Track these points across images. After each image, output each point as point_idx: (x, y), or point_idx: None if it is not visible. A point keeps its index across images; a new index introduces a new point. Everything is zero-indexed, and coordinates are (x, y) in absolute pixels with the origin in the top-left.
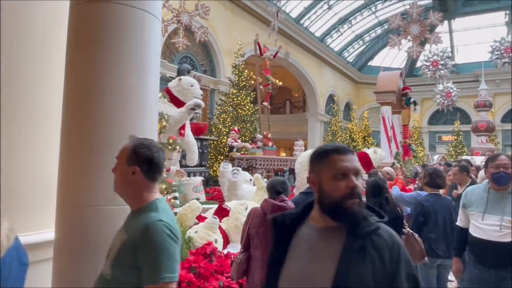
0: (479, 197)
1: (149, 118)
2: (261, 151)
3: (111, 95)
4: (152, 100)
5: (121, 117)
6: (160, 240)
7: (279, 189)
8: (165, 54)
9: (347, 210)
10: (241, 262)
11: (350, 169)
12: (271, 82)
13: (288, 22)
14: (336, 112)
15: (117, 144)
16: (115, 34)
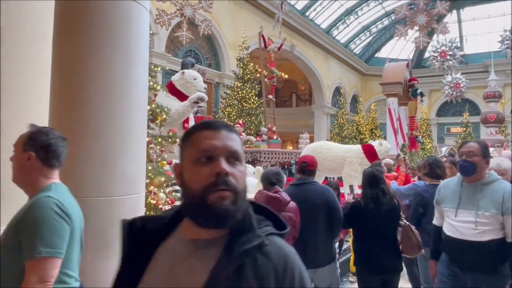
0: (452, 192)
1: (136, 108)
2: (265, 144)
3: (97, 85)
4: (141, 90)
5: (107, 108)
6: (42, 214)
7: (273, 180)
8: (169, 48)
9: (209, 208)
10: None
11: (219, 149)
12: (276, 75)
13: (293, 14)
14: (343, 105)
15: (104, 135)
16: (101, 23)
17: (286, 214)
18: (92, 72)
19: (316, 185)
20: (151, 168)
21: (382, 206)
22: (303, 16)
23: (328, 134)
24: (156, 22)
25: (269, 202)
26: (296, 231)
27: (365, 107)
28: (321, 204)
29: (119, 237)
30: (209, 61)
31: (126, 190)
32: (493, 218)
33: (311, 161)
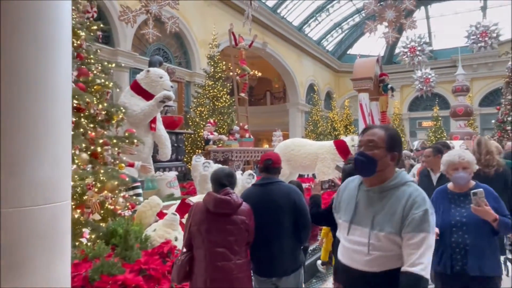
0: (350, 197)
1: (54, 104)
2: (236, 143)
3: (5, 77)
4: (62, 84)
5: (14, 104)
6: None
7: (224, 182)
8: (136, 47)
9: None
10: (182, 264)
11: None
12: (247, 73)
13: (265, 12)
14: (317, 102)
15: (9, 134)
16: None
17: (238, 217)
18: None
19: (281, 185)
20: (103, 171)
21: None
22: (275, 14)
23: (303, 131)
24: (120, 19)
25: (218, 205)
26: (250, 236)
27: (339, 104)
28: (287, 206)
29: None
30: (178, 59)
31: (41, 199)
32: (389, 240)
33: (276, 158)
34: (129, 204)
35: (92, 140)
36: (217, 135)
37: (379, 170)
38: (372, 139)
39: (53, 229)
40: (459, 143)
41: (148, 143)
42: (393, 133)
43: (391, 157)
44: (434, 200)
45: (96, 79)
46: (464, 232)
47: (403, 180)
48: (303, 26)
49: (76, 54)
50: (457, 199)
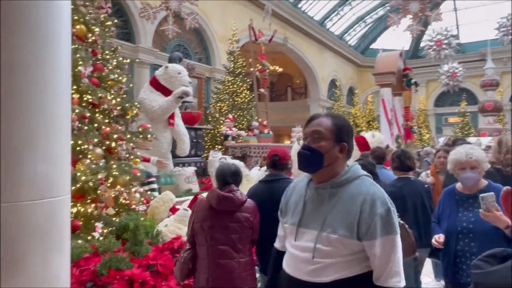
0: (298, 198)
1: (52, 99)
2: (255, 138)
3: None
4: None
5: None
6: None
7: (228, 181)
8: (157, 43)
9: None
10: (185, 262)
11: None
12: (267, 68)
13: (286, 6)
14: (339, 97)
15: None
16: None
17: (241, 215)
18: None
19: (287, 182)
20: (116, 166)
21: None
22: (296, 8)
23: None
24: (140, 15)
25: (221, 202)
26: (254, 234)
27: (362, 99)
28: None
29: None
30: (199, 55)
31: (38, 194)
32: (342, 243)
33: (284, 154)
34: (144, 199)
35: (107, 135)
36: (236, 130)
37: (327, 165)
38: (318, 130)
39: (51, 224)
40: (487, 139)
41: (166, 139)
42: (341, 122)
43: (339, 149)
44: (441, 201)
45: (110, 74)
46: (470, 239)
47: (356, 174)
48: (325, 21)
49: (91, 50)
50: (466, 202)
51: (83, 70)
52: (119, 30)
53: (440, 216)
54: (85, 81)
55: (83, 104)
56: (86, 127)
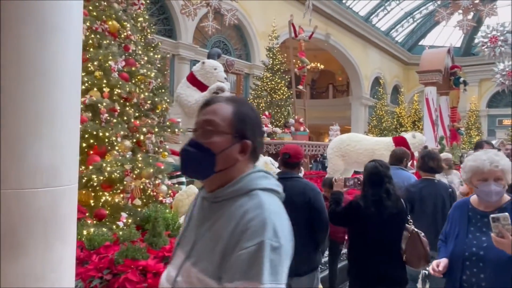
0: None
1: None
2: (289, 136)
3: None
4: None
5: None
6: None
7: None
8: (197, 39)
9: None
10: None
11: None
12: (306, 65)
13: (329, 2)
14: (382, 96)
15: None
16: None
17: None
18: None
19: (298, 181)
20: (141, 159)
21: (385, 210)
22: (340, 4)
23: (366, 126)
24: (182, 12)
25: None
26: None
27: (408, 98)
28: (302, 203)
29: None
30: (238, 52)
31: (41, 182)
32: (199, 281)
33: (296, 152)
34: (171, 192)
35: (136, 129)
36: (272, 127)
37: (221, 169)
38: (211, 120)
39: (54, 212)
40: None
41: None
42: (246, 110)
43: (240, 148)
44: (450, 217)
45: (140, 69)
46: (480, 269)
47: (247, 187)
48: (370, 16)
49: (124, 45)
50: (480, 221)
51: (113, 65)
52: (161, 27)
53: (448, 234)
54: (115, 75)
55: (114, 97)
56: (115, 120)
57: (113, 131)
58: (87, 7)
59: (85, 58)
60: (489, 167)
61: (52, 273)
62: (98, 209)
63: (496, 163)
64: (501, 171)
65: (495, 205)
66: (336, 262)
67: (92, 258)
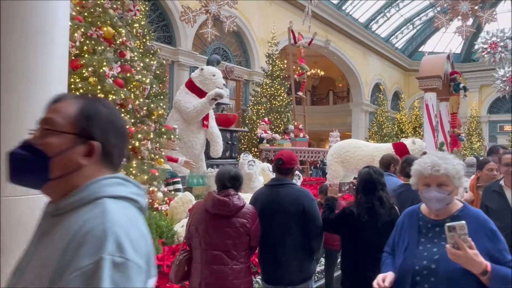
0: None
1: (39, 92)
2: (289, 142)
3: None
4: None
5: None
6: None
7: (226, 184)
8: (197, 46)
9: None
10: (180, 264)
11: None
12: (305, 71)
13: (328, 9)
14: (382, 102)
15: None
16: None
17: (238, 220)
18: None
19: (291, 188)
20: (135, 165)
21: (378, 218)
22: (339, 11)
23: (367, 132)
24: (181, 19)
25: (216, 206)
26: (253, 240)
27: (408, 104)
28: (295, 211)
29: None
30: (238, 58)
31: (20, 189)
32: None
33: (289, 158)
34: (167, 199)
35: (131, 135)
36: (271, 133)
37: (59, 175)
38: (49, 118)
39: (32, 220)
40: None
41: (200, 140)
42: (96, 107)
43: (86, 151)
44: (399, 226)
45: (136, 75)
46: (432, 284)
47: (93, 195)
48: (370, 23)
49: (119, 51)
50: (431, 230)
51: (107, 71)
52: (160, 34)
53: (395, 245)
54: (109, 81)
55: None
56: None
57: None
58: (82, 13)
59: (79, 64)
60: (430, 172)
61: None
62: None
63: (438, 167)
64: (444, 175)
65: (446, 213)
66: (333, 271)
67: None
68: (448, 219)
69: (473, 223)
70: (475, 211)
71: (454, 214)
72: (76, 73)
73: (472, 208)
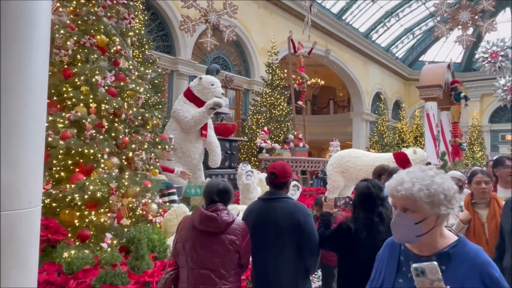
0: None
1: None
2: (288, 152)
3: None
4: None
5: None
6: None
7: (214, 198)
8: (196, 55)
9: None
10: (166, 283)
11: None
12: (305, 80)
13: (328, 18)
14: (383, 111)
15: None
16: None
17: (226, 237)
18: None
19: (285, 202)
20: (127, 177)
21: (378, 235)
22: (340, 20)
23: (368, 142)
24: (180, 28)
25: (203, 222)
26: (243, 258)
27: (409, 114)
28: (289, 226)
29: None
30: (238, 67)
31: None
32: None
33: (282, 172)
34: (162, 211)
35: (125, 145)
36: (271, 143)
37: None
38: None
39: (10, 237)
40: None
41: (198, 150)
42: None
43: None
44: (378, 260)
45: (130, 84)
46: None
47: None
48: (370, 33)
49: (114, 60)
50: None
51: (100, 80)
52: (160, 43)
53: (373, 281)
54: (102, 90)
55: (102, 113)
56: (101, 136)
57: (98, 148)
58: (76, 21)
59: (72, 73)
60: (391, 192)
61: None
62: (81, 230)
63: (399, 187)
64: (405, 198)
65: (431, 248)
66: (330, 287)
67: (69, 283)
68: (433, 257)
69: (467, 264)
70: (472, 249)
71: (442, 251)
72: (68, 82)
73: (470, 244)
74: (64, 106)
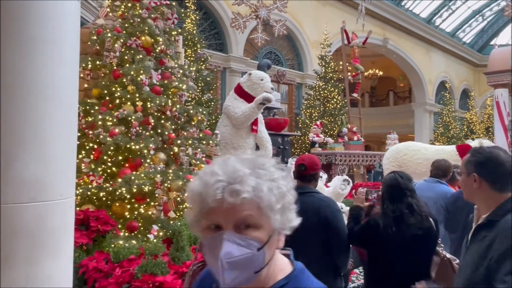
0: None
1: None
2: (341, 146)
3: None
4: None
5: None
6: None
7: None
8: (248, 51)
9: None
10: (194, 275)
11: None
12: (360, 72)
13: (386, 5)
14: (449, 101)
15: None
16: None
17: None
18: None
19: (313, 197)
20: (171, 171)
21: (408, 229)
22: (399, 7)
23: (432, 134)
24: (231, 26)
25: None
26: None
27: (480, 103)
28: (316, 223)
29: None
30: (290, 61)
31: (26, 197)
32: None
33: (312, 163)
34: None
35: (172, 141)
36: (323, 137)
37: None
38: None
39: (41, 227)
40: None
41: (249, 145)
42: None
43: None
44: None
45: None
46: None
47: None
48: (433, 18)
49: (159, 59)
50: None
51: (144, 79)
52: (212, 41)
53: None
54: (146, 89)
55: (148, 111)
56: (147, 133)
57: (144, 144)
58: (123, 25)
59: (120, 74)
60: (213, 198)
61: (39, 286)
62: (130, 221)
63: (237, 186)
64: (245, 205)
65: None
66: None
67: (115, 271)
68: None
69: None
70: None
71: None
72: (117, 82)
73: (307, 277)
74: (114, 105)
